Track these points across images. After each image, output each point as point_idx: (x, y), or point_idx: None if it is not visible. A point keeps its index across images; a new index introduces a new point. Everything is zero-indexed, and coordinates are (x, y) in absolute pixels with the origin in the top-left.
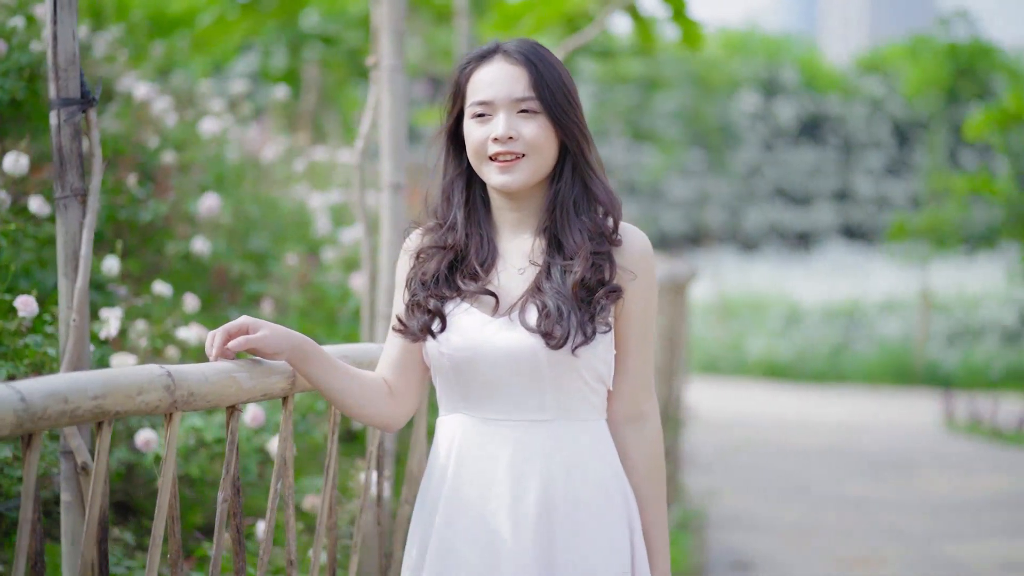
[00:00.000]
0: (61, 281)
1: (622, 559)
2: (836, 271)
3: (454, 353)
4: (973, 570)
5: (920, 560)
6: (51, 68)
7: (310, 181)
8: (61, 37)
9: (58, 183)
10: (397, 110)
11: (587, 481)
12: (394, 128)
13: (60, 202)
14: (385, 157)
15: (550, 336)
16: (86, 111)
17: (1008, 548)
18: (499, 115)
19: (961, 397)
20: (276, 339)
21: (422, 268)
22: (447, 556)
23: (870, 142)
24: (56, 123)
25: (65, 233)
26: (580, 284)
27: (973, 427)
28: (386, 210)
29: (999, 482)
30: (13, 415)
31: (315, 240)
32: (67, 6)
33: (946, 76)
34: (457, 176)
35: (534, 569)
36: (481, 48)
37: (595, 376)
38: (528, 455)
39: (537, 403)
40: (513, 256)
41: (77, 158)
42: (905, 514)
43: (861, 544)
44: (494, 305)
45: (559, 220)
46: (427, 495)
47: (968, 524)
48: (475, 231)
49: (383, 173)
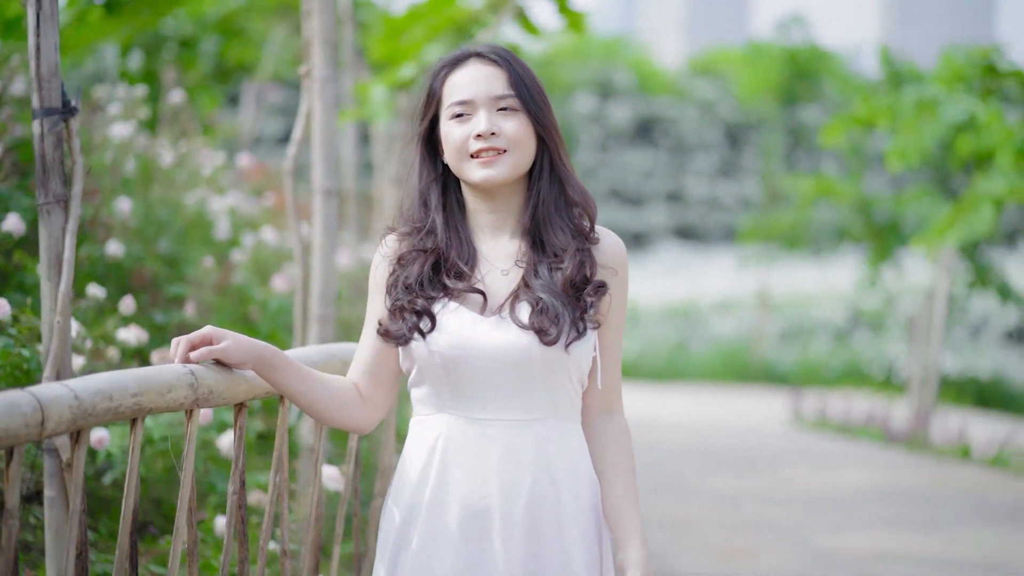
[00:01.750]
0: (44, 285)
1: (594, 560)
2: (670, 272)
3: (445, 352)
4: (848, 560)
5: (795, 551)
6: (34, 79)
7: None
8: (44, 49)
9: (41, 190)
10: (328, 119)
11: (577, 481)
12: (326, 136)
13: (43, 208)
14: (317, 164)
15: (544, 332)
16: (67, 120)
17: (879, 539)
18: (479, 113)
19: (808, 394)
20: (239, 350)
21: (404, 272)
22: (431, 556)
23: (701, 144)
24: (39, 132)
25: (48, 238)
26: (569, 281)
27: (820, 423)
28: (319, 215)
29: (860, 476)
30: (69, 412)
31: (217, 243)
32: (49, 19)
33: (783, 80)
34: (433, 181)
35: (522, 569)
36: (453, 54)
37: (579, 375)
38: (518, 455)
39: (527, 402)
40: (494, 258)
41: (59, 165)
42: (775, 508)
43: (737, 537)
44: (482, 304)
45: (541, 220)
46: (403, 494)
47: (838, 516)
48: (454, 234)
49: (315, 179)
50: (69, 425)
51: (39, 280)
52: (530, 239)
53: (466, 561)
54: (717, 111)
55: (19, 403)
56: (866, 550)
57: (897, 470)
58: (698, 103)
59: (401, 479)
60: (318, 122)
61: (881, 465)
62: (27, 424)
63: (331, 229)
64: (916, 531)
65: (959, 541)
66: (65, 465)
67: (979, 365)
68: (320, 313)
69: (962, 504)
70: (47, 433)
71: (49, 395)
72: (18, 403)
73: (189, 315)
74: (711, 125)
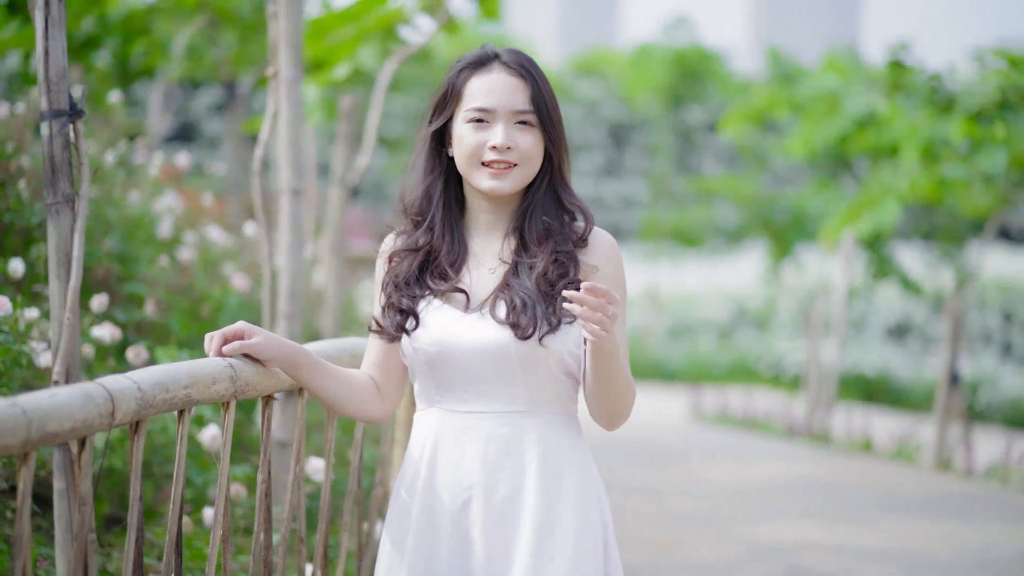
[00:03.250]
0: (53, 282)
1: (596, 555)
2: None
3: (427, 348)
4: (772, 550)
5: (720, 542)
6: (42, 82)
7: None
8: (52, 52)
9: (50, 190)
10: (295, 119)
11: (560, 473)
12: (292, 136)
13: (52, 208)
14: (284, 164)
15: (518, 327)
16: (74, 122)
17: (799, 530)
18: (498, 124)
19: (705, 391)
20: (269, 347)
21: (395, 271)
22: (423, 547)
23: (585, 144)
24: (48, 134)
25: (57, 237)
26: (543, 278)
27: (721, 418)
28: (286, 215)
29: (771, 469)
30: (135, 403)
31: (161, 242)
32: (57, 23)
33: (670, 81)
34: (437, 175)
35: (505, 560)
36: (475, 53)
37: (563, 369)
38: (501, 446)
39: (508, 395)
40: (485, 256)
41: (67, 166)
42: (695, 500)
43: (663, 528)
44: (465, 302)
45: (528, 222)
46: (402, 487)
47: (756, 508)
48: (449, 231)
49: (282, 179)
50: (133, 415)
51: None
52: (518, 239)
53: (456, 548)
54: (601, 111)
55: (94, 395)
56: (788, 540)
57: (805, 463)
58: (581, 103)
59: (404, 468)
60: (285, 123)
61: (789, 459)
62: (100, 415)
63: (298, 228)
64: (832, 522)
65: (873, 531)
66: (75, 457)
67: (864, 361)
68: (288, 311)
69: (871, 496)
70: (116, 423)
71: (117, 387)
72: (93, 395)
73: (149, 313)
74: (595, 125)
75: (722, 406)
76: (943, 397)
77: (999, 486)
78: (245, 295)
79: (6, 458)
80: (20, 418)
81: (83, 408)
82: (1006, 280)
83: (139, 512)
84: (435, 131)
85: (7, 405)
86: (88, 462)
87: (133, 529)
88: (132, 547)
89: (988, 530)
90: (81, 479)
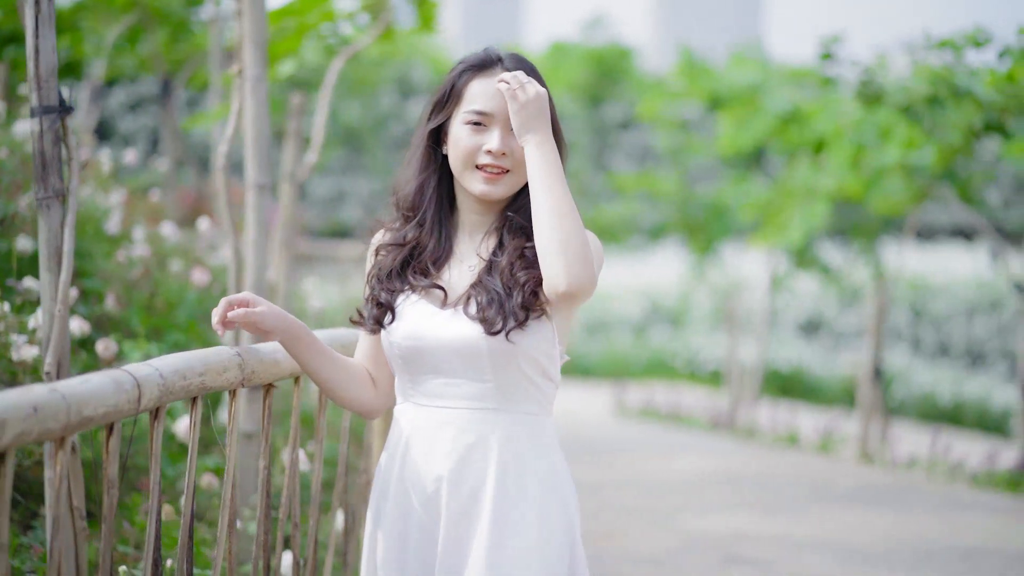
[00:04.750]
0: (44, 275)
1: (560, 559)
2: None
3: (401, 343)
4: (710, 541)
5: (661, 533)
6: (32, 79)
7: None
8: (42, 50)
9: (40, 185)
10: (260, 116)
11: (525, 472)
12: (258, 133)
13: (43, 202)
14: (250, 160)
15: (486, 322)
16: (64, 118)
17: (734, 521)
18: (495, 129)
19: (629, 386)
20: (273, 317)
21: (380, 264)
22: (396, 537)
23: None
24: (38, 130)
25: (48, 231)
26: (510, 275)
27: (647, 413)
28: (251, 209)
29: (701, 462)
30: (158, 389)
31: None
32: (47, 21)
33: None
34: (432, 172)
35: (462, 554)
36: (478, 55)
37: (537, 370)
38: (468, 441)
39: (479, 392)
40: (467, 254)
41: (57, 162)
42: (630, 492)
43: (602, 521)
44: (443, 298)
45: (508, 223)
46: (379, 480)
47: (691, 500)
48: (437, 228)
49: (248, 175)
50: (156, 401)
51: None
52: (498, 238)
53: (425, 540)
54: None
55: (122, 381)
56: (724, 531)
57: (733, 456)
58: None
59: (381, 459)
60: (250, 119)
61: (717, 452)
62: (128, 400)
63: (263, 222)
64: (765, 513)
65: (806, 522)
66: (103, 443)
67: (779, 356)
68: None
69: (801, 488)
70: (141, 408)
71: (142, 374)
72: (122, 381)
73: (110, 307)
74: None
75: (644, 401)
76: (867, 391)
77: (924, 477)
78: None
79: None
80: (60, 403)
81: (114, 394)
82: (915, 277)
83: (158, 496)
84: (433, 131)
85: (48, 391)
86: (116, 448)
87: (154, 513)
88: (153, 528)
89: (918, 520)
90: (109, 463)
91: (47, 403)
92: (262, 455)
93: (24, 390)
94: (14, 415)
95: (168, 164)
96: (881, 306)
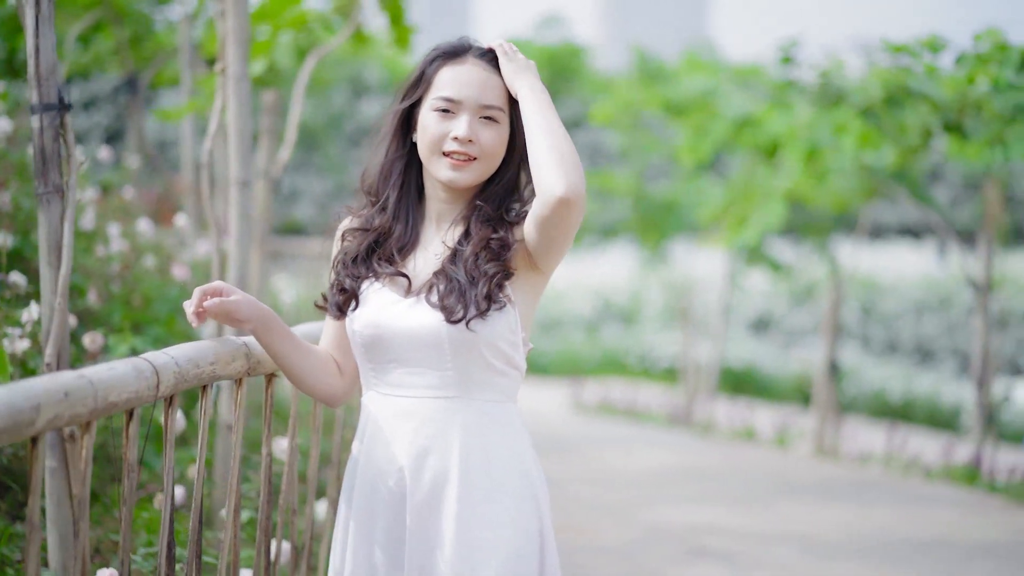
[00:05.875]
0: (44, 269)
1: (530, 546)
2: None
3: (363, 331)
4: (673, 534)
5: (623, 526)
6: (33, 77)
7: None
8: (42, 48)
9: (40, 180)
10: (243, 113)
11: (491, 460)
12: (240, 130)
13: (43, 197)
14: (233, 156)
15: (448, 311)
16: (63, 115)
17: (696, 514)
18: (462, 116)
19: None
20: (248, 306)
21: (345, 248)
22: (363, 529)
23: None
24: (39, 126)
25: (48, 225)
26: (474, 265)
27: (605, 408)
28: (234, 204)
29: (661, 457)
30: (174, 377)
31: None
32: (47, 20)
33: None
34: (398, 158)
35: (428, 545)
36: (451, 43)
37: (500, 357)
38: (429, 430)
39: (439, 380)
40: (432, 242)
41: (57, 157)
42: (593, 487)
43: (566, 514)
44: (407, 286)
45: (476, 212)
46: (348, 470)
47: (652, 493)
48: (403, 215)
49: (231, 171)
50: (172, 388)
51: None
52: (465, 227)
53: (394, 532)
54: None
55: (142, 368)
56: (687, 524)
57: (693, 451)
58: None
59: (353, 446)
60: (233, 117)
61: (677, 447)
62: (148, 387)
63: (246, 218)
64: (727, 506)
65: (767, 515)
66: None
67: (731, 353)
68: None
69: (760, 482)
70: (159, 395)
71: (159, 362)
72: (142, 368)
73: (92, 301)
74: None
75: (601, 397)
76: (823, 386)
77: (881, 472)
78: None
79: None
80: (89, 389)
81: (136, 380)
82: (865, 275)
83: (172, 483)
84: (402, 117)
85: (76, 376)
86: (135, 433)
87: (168, 498)
88: (168, 513)
89: (878, 513)
90: (129, 448)
91: (77, 388)
92: (264, 443)
93: (54, 376)
94: (47, 400)
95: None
96: (836, 303)
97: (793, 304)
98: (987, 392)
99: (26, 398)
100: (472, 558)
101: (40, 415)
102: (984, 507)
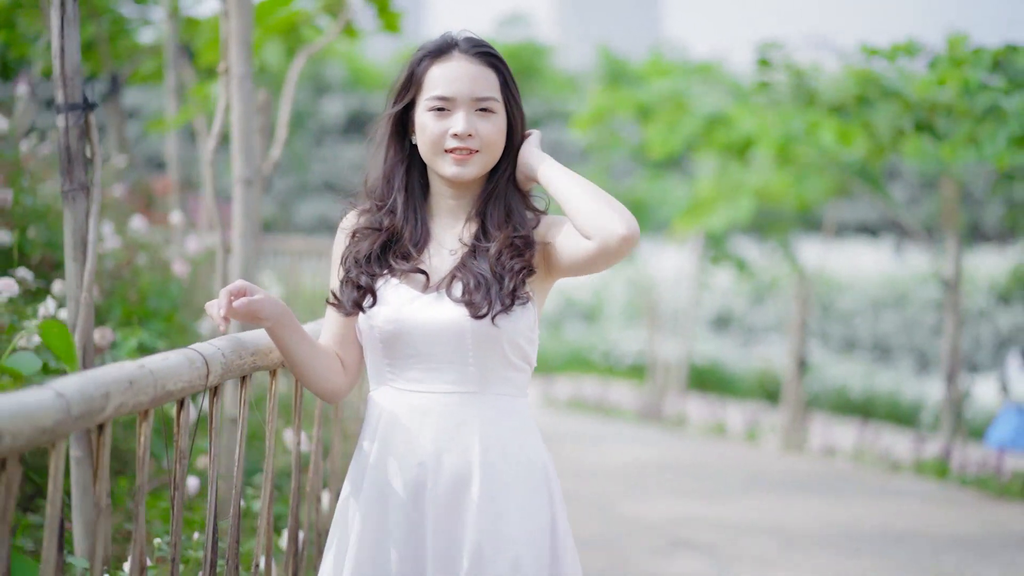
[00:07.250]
0: (69, 264)
1: (542, 538)
2: None
3: (383, 326)
4: (652, 526)
5: (603, 519)
6: (58, 77)
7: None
8: (68, 50)
9: (66, 178)
10: (246, 113)
11: (507, 456)
12: (244, 129)
13: (68, 195)
14: (237, 155)
15: (473, 306)
16: (88, 114)
17: (674, 506)
18: (459, 112)
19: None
20: (270, 304)
21: (356, 247)
22: (374, 524)
23: None
24: (64, 126)
25: (73, 221)
26: (497, 261)
27: (576, 404)
28: (239, 203)
29: (635, 451)
30: (221, 367)
31: None
32: (72, 22)
33: None
34: (399, 161)
35: (451, 539)
36: (436, 42)
37: (518, 353)
38: (450, 426)
39: (460, 375)
40: (446, 239)
41: (82, 156)
42: (569, 480)
43: None
44: (424, 282)
45: (489, 207)
46: (355, 466)
47: (629, 487)
48: (411, 215)
49: (235, 169)
50: (219, 378)
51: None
52: (480, 223)
53: (412, 529)
54: None
55: (194, 359)
56: (665, 516)
57: (666, 447)
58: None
59: (357, 447)
60: (236, 116)
61: (650, 442)
62: (199, 376)
63: (250, 215)
64: (703, 499)
65: (743, 508)
66: (175, 416)
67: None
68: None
69: (734, 476)
70: (208, 384)
71: (208, 352)
72: (193, 359)
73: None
74: None
75: (571, 393)
76: (792, 383)
77: (851, 466)
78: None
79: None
80: (149, 378)
81: (189, 370)
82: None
83: (215, 469)
84: (397, 119)
85: (137, 367)
86: (187, 421)
87: (212, 483)
88: (213, 498)
89: (850, 506)
90: (181, 436)
91: (139, 378)
92: (266, 438)
93: (117, 366)
94: (116, 388)
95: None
96: (803, 300)
97: (754, 302)
98: (956, 388)
99: (96, 386)
100: (488, 549)
101: (109, 402)
102: (955, 500)
